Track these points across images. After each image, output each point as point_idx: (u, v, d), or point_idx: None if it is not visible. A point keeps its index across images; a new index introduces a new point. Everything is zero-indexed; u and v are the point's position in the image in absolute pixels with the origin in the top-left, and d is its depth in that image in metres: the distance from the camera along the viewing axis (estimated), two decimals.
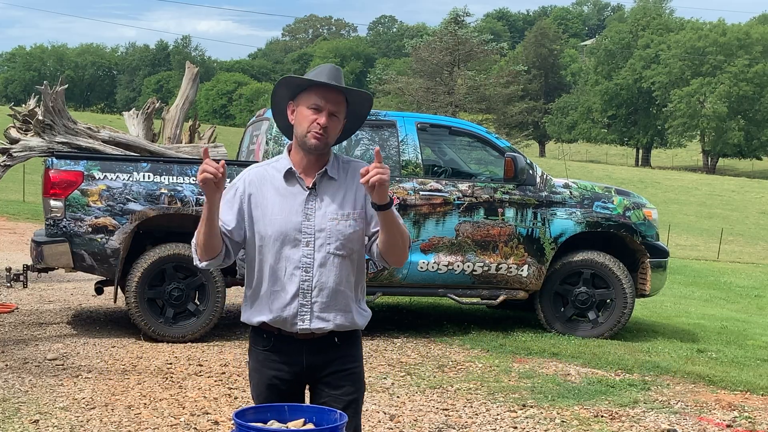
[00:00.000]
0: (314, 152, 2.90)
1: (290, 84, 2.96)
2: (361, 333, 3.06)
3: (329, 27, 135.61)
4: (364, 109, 3.01)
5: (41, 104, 8.79)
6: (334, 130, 2.90)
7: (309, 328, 2.88)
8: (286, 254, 2.88)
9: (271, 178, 2.94)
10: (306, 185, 2.91)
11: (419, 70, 53.69)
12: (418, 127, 8.19)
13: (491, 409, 5.78)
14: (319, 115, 2.86)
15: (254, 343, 3.01)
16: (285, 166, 2.93)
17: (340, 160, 2.99)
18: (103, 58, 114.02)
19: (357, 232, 2.91)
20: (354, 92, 2.93)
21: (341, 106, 2.91)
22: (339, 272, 2.89)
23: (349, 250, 2.90)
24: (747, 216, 40.73)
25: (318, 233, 2.88)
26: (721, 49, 71.38)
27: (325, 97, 2.87)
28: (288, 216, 2.88)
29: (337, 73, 2.93)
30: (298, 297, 2.88)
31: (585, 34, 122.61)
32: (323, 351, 2.93)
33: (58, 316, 8.48)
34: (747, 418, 5.82)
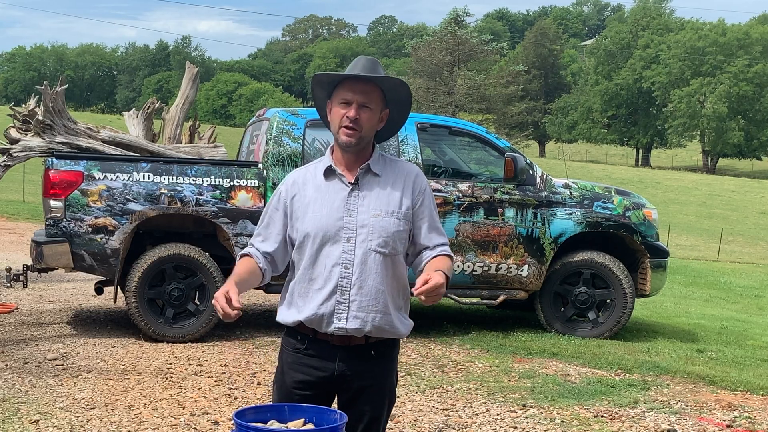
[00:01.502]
0: (349, 149, 2.84)
1: (321, 82, 2.91)
2: (399, 346, 2.98)
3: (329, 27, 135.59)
4: (402, 94, 2.91)
5: (41, 104, 8.79)
6: (369, 122, 2.83)
7: (345, 327, 2.79)
8: (327, 251, 2.81)
9: (313, 178, 2.89)
10: (348, 181, 2.84)
11: (419, 70, 53.73)
12: (418, 127, 8.19)
13: (491, 409, 5.79)
14: (348, 108, 2.81)
15: (286, 343, 2.93)
16: (326, 164, 2.89)
17: (386, 158, 2.93)
18: (103, 58, 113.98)
19: (401, 232, 2.84)
20: (383, 79, 2.85)
21: (373, 96, 2.83)
22: (380, 271, 2.81)
23: (392, 249, 2.82)
24: (747, 216, 40.72)
25: (360, 229, 2.80)
26: (721, 49, 71.37)
27: (353, 89, 2.81)
28: (330, 212, 2.81)
29: (369, 63, 2.85)
30: (335, 294, 2.79)
31: (585, 34, 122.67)
32: (356, 361, 2.84)
33: (58, 316, 8.48)
34: (747, 418, 5.82)
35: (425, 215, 2.89)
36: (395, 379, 2.97)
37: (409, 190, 2.86)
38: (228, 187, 7.58)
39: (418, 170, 2.94)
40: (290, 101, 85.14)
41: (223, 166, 7.76)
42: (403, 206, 2.85)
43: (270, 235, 2.91)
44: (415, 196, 2.88)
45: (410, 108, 3.00)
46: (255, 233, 2.96)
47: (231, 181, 7.60)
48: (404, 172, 2.90)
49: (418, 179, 2.91)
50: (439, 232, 2.93)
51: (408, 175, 2.90)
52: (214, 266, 7.55)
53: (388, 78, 2.87)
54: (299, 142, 7.83)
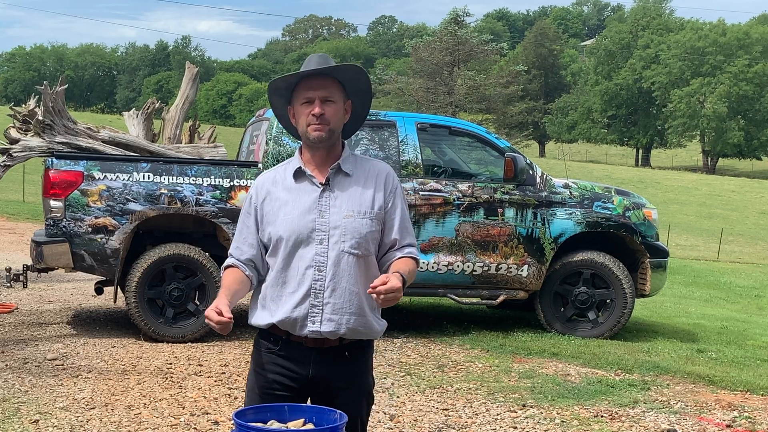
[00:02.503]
0: (320, 145, 2.82)
1: (278, 88, 2.89)
2: (373, 346, 2.96)
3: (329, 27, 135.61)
4: (361, 83, 2.88)
5: (41, 104, 8.79)
6: (335, 116, 2.80)
7: (319, 330, 2.76)
8: (299, 253, 2.78)
9: (282, 180, 2.86)
10: (319, 182, 2.82)
11: (419, 70, 53.67)
12: (418, 127, 8.19)
13: (491, 409, 5.78)
14: (311, 106, 2.78)
15: (259, 345, 2.89)
16: (295, 165, 2.86)
17: (357, 157, 2.90)
18: (103, 58, 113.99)
19: (373, 232, 2.81)
20: (339, 68, 2.81)
21: (333, 89, 2.81)
22: (353, 272, 2.78)
23: (364, 250, 2.80)
24: (747, 216, 40.72)
25: (332, 230, 2.77)
26: (721, 49, 71.37)
27: (311, 86, 2.79)
28: (301, 214, 2.79)
29: (321, 59, 2.83)
30: (309, 297, 2.77)
31: (585, 34, 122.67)
32: (331, 363, 2.81)
33: (58, 316, 8.48)
34: (747, 418, 5.82)
35: (396, 215, 2.87)
36: (372, 380, 2.94)
37: (380, 190, 2.84)
38: (228, 187, 7.58)
39: (389, 169, 2.92)
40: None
41: (223, 166, 7.76)
42: (375, 206, 2.82)
43: (246, 241, 2.87)
44: (386, 195, 2.85)
45: (371, 96, 2.96)
46: (233, 242, 2.92)
47: (231, 181, 7.60)
48: (375, 171, 2.87)
49: (389, 178, 2.88)
50: (409, 232, 2.91)
51: (379, 175, 2.87)
52: (214, 266, 7.54)
53: (343, 67, 2.83)
54: (299, 142, 7.82)
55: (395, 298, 2.66)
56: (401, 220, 2.88)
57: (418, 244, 7.88)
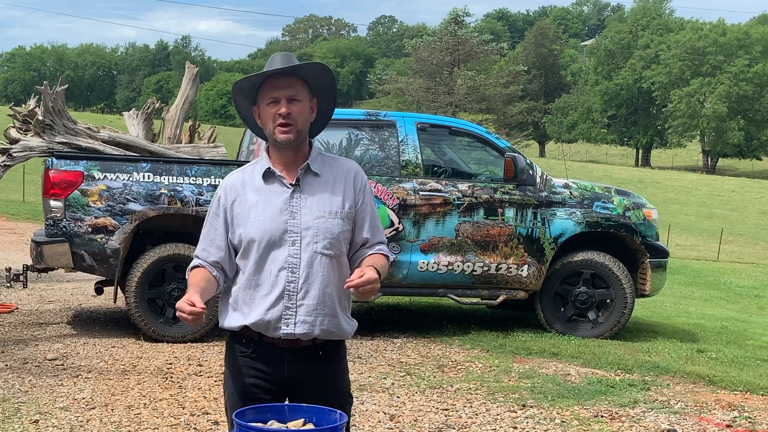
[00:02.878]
0: (288, 146, 2.79)
1: (243, 89, 2.86)
2: (345, 345, 2.95)
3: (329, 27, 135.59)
4: (326, 80, 2.85)
5: (41, 104, 8.79)
6: (301, 115, 2.78)
7: (293, 332, 2.75)
8: (272, 256, 2.75)
9: (251, 181, 2.83)
10: (289, 182, 2.80)
11: (419, 70, 53.66)
12: (418, 127, 8.19)
13: (491, 409, 5.78)
14: (278, 106, 2.76)
15: (232, 348, 2.86)
16: (264, 166, 2.82)
17: (325, 156, 2.88)
18: (103, 58, 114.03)
19: (345, 232, 2.80)
20: (303, 67, 2.79)
21: (298, 87, 2.78)
22: (327, 273, 2.77)
23: (337, 251, 2.79)
24: (747, 216, 40.72)
25: (305, 231, 2.76)
26: (721, 49, 71.36)
27: (276, 85, 2.76)
28: (272, 216, 2.76)
29: (285, 58, 2.80)
30: (283, 299, 2.74)
31: (585, 34, 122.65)
32: (306, 363, 2.80)
33: (58, 316, 8.48)
34: (747, 418, 5.82)
35: (366, 213, 2.87)
36: (348, 381, 2.93)
37: (350, 189, 2.83)
38: None
39: (357, 167, 2.91)
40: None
41: (223, 166, 7.76)
42: (345, 206, 2.81)
43: (213, 243, 2.85)
44: (356, 194, 2.84)
45: (336, 93, 2.94)
46: (199, 244, 2.88)
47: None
48: (344, 170, 2.86)
49: (358, 177, 2.87)
50: (379, 230, 2.91)
51: (348, 173, 2.85)
52: None
53: (307, 65, 2.81)
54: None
55: (373, 290, 2.66)
56: (372, 218, 2.88)
57: (418, 244, 7.89)
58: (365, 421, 5.38)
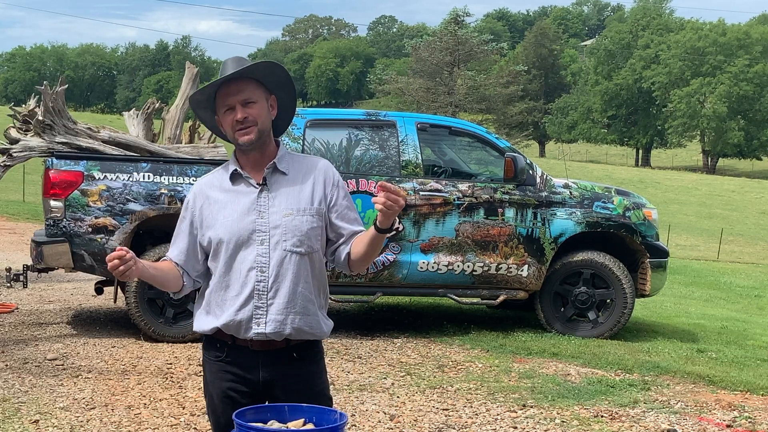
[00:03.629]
0: (252, 147, 2.78)
1: (200, 102, 2.85)
2: (322, 346, 2.92)
3: (329, 27, 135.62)
4: (279, 76, 2.82)
5: (41, 104, 8.78)
6: (260, 115, 2.76)
7: (264, 332, 2.73)
8: (241, 256, 2.74)
9: (219, 183, 2.83)
10: (256, 182, 2.79)
11: (419, 70, 53.69)
12: (418, 127, 8.19)
13: (491, 409, 5.78)
14: (234, 112, 2.75)
15: (207, 353, 2.87)
16: (230, 168, 2.82)
17: (293, 156, 2.87)
18: (103, 58, 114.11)
19: (315, 228, 2.78)
20: (252, 69, 2.76)
21: (251, 90, 2.75)
22: (297, 271, 2.75)
23: (307, 248, 2.76)
24: (747, 216, 40.72)
25: (273, 230, 2.74)
26: (721, 49, 71.38)
27: (229, 92, 2.75)
28: (240, 216, 2.75)
29: (235, 63, 2.78)
30: (253, 299, 2.73)
31: (585, 34, 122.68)
32: (280, 366, 2.78)
33: (58, 316, 8.48)
34: (747, 418, 5.82)
35: (344, 206, 2.84)
36: (326, 381, 2.91)
37: (320, 185, 2.81)
38: None
39: (326, 163, 2.89)
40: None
41: None
42: (315, 202, 2.79)
43: (178, 246, 2.86)
44: (328, 190, 2.82)
45: (294, 86, 2.90)
46: (171, 246, 2.90)
47: None
48: (312, 166, 2.84)
49: (329, 172, 2.85)
50: (359, 220, 2.88)
51: (318, 170, 2.84)
52: None
53: (255, 65, 2.78)
54: (299, 142, 7.84)
55: (398, 207, 2.56)
56: (350, 210, 2.86)
57: (418, 244, 7.89)
58: (365, 421, 5.39)
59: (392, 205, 2.57)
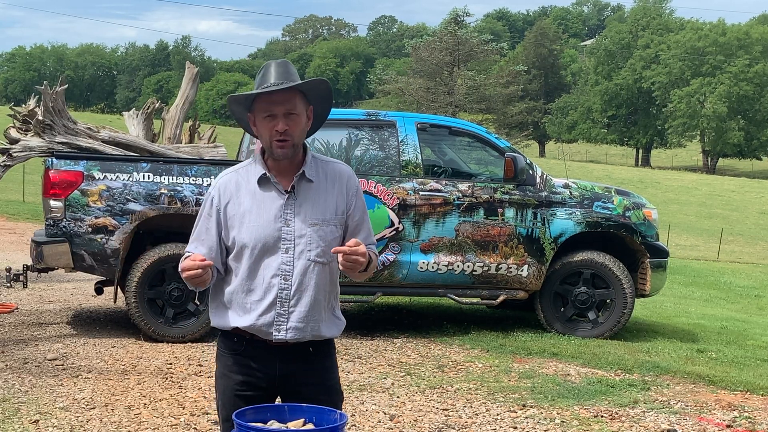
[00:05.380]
0: (284, 159, 2.80)
1: (239, 100, 2.86)
2: (335, 342, 2.98)
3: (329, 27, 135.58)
4: (323, 90, 2.85)
5: (41, 104, 8.79)
6: (297, 129, 2.78)
7: (284, 338, 2.78)
8: (266, 262, 2.77)
9: (246, 183, 2.83)
10: (284, 189, 2.80)
11: (419, 70, 53.69)
12: (418, 127, 8.19)
13: (491, 409, 5.78)
14: (275, 121, 2.75)
15: (223, 346, 2.89)
16: (259, 171, 2.82)
17: (318, 160, 2.88)
18: (103, 58, 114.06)
19: (337, 238, 2.82)
20: (300, 85, 2.78)
21: (295, 101, 2.77)
22: (318, 281, 2.80)
23: (329, 257, 2.79)
24: (747, 216, 40.71)
25: (298, 239, 2.77)
26: (721, 49, 71.38)
27: (273, 100, 2.75)
28: (266, 222, 2.77)
29: (281, 69, 2.79)
30: (275, 306, 2.77)
31: (585, 34, 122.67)
32: (298, 361, 2.83)
33: (58, 316, 8.48)
34: (747, 418, 5.82)
35: (358, 217, 2.89)
36: (338, 377, 2.96)
37: (342, 194, 2.85)
38: None
39: (350, 171, 2.92)
40: None
41: (223, 166, 7.75)
42: (338, 212, 2.84)
43: (204, 243, 2.85)
44: (348, 199, 2.86)
45: (332, 101, 2.93)
46: (190, 242, 2.89)
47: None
48: (336, 174, 2.87)
49: (350, 181, 2.89)
50: (370, 232, 2.93)
51: (341, 178, 2.87)
52: None
53: (306, 83, 2.79)
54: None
55: (357, 264, 2.69)
56: (366, 222, 2.92)
57: (418, 244, 7.89)
58: (365, 421, 5.39)
59: (353, 265, 2.69)
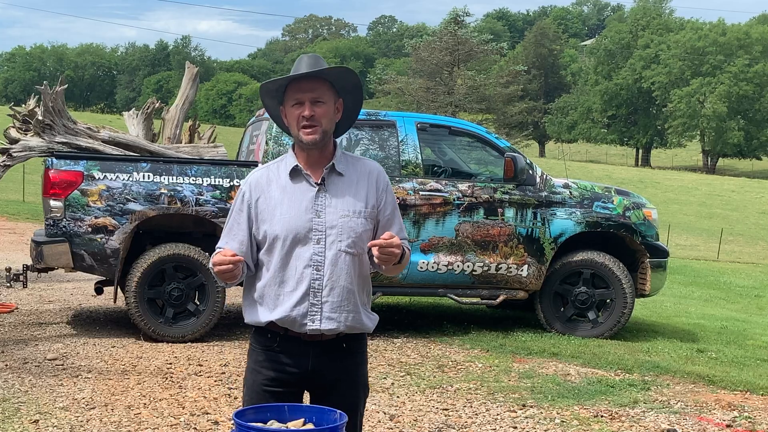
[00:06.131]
0: (313, 147, 2.85)
1: (270, 91, 2.93)
2: (367, 338, 3.02)
3: (329, 27, 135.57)
4: (350, 81, 2.92)
5: (41, 104, 8.79)
6: (326, 116, 2.85)
7: (319, 328, 2.83)
8: (297, 253, 2.82)
9: (277, 178, 2.89)
10: (314, 181, 2.86)
11: (419, 70, 53.72)
12: (418, 127, 8.19)
13: (491, 409, 5.79)
14: (302, 108, 2.82)
15: (256, 342, 2.94)
16: (290, 164, 2.89)
17: (348, 156, 2.95)
18: (103, 58, 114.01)
19: (367, 231, 2.87)
20: (328, 72, 2.85)
21: (323, 90, 2.84)
22: (350, 271, 2.85)
23: (360, 249, 2.85)
24: (747, 216, 40.72)
25: (329, 230, 2.83)
26: (721, 49, 71.37)
27: (301, 88, 2.83)
28: (298, 214, 2.83)
29: (312, 60, 2.87)
30: (308, 296, 2.82)
31: (585, 34, 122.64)
32: (329, 355, 2.88)
33: (58, 316, 8.48)
34: (747, 418, 5.83)
35: (389, 212, 2.94)
36: (367, 372, 3.01)
37: (373, 189, 2.90)
38: (228, 187, 7.58)
39: (379, 168, 2.98)
40: None
41: (223, 166, 7.76)
42: (368, 205, 2.89)
43: (236, 238, 2.90)
44: (378, 194, 2.92)
45: (362, 93, 3.00)
46: (221, 238, 2.94)
47: (231, 181, 7.60)
48: (367, 170, 2.93)
49: (381, 177, 2.95)
50: (402, 227, 2.98)
51: (371, 174, 2.93)
52: None
53: (332, 69, 2.86)
54: None
55: (392, 256, 2.75)
56: (397, 216, 2.97)
57: (418, 244, 7.89)
58: (365, 421, 5.37)
59: (388, 257, 2.74)
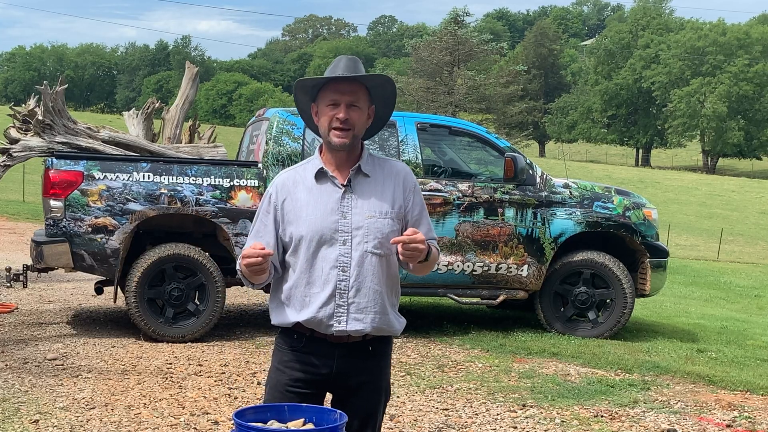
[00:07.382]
0: (341, 149, 2.85)
1: (305, 86, 2.92)
2: (392, 343, 3.01)
3: (329, 27, 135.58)
4: (388, 91, 2.93)
5: (41, 104, 8.80)
6: (359, 121, 2.84)
7: (345, 329, 2.82)
8: (323, 254, 2.82)
9: (303, 180, 2.88)
10: (340, 183, 2.85)
11: (419, 70, 53.71)
12: (418, 127, 8.19)
13: (491, 409, 5.78)
14: (337, 109, 2.81)
15: (283, 342, 2.93)
16: (316, 165, 2.88)
17: (374, 157, 2.94)
18: (103, 58, 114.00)
19: (394, 232, 2.85)
20: (369, 78, 2.86)
21: (360, 95, 2.84)
22: (376, 272, 2.84)
23: (386, 250, 2.84)
24: (747, 216, 40.72)
25: (355, 231, 2.82)
26: (721, 49, 71.38)
27: (339, 89, 2.82)
28: (323, 215, 2.82)
29: (351, 63, 2.86)
30: (334, 297, 2.81)
31: (585, 34, 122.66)
32: (355, 358, 2.87)
33: (58, 316, 8.48)
34: (747, 418, 5.83)
35: (417, 212, 2.94)
36: (390, 376, 3.01)
37: (399, 190, 2.89)
38: (228, 187, 7.58)
39: (407, 169, 2.98)
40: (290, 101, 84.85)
41: (223, 166, 7.76)
42: (395, 206, 2.88)
43: (263, 240, 2.89)
44: (406, 195, 2.91)
45: (395, 103, 3.00)
46: (248, 240, 2.94)
47: (231, 181, 7.60)
48: (393, 171, 2.93)
49: (408, 178, 2.94)
50: (430, 227, 2.98)
51: (397, 175, 2.92)
52: (214, 266, 7.55)
53: (374, 76, 2.87)
54: (299, 141, 7.84)
55: (417, 253, 2.73)
56: (425, 217, 2.97)
57: None
58: None
59: (413, 254, 2.72)
